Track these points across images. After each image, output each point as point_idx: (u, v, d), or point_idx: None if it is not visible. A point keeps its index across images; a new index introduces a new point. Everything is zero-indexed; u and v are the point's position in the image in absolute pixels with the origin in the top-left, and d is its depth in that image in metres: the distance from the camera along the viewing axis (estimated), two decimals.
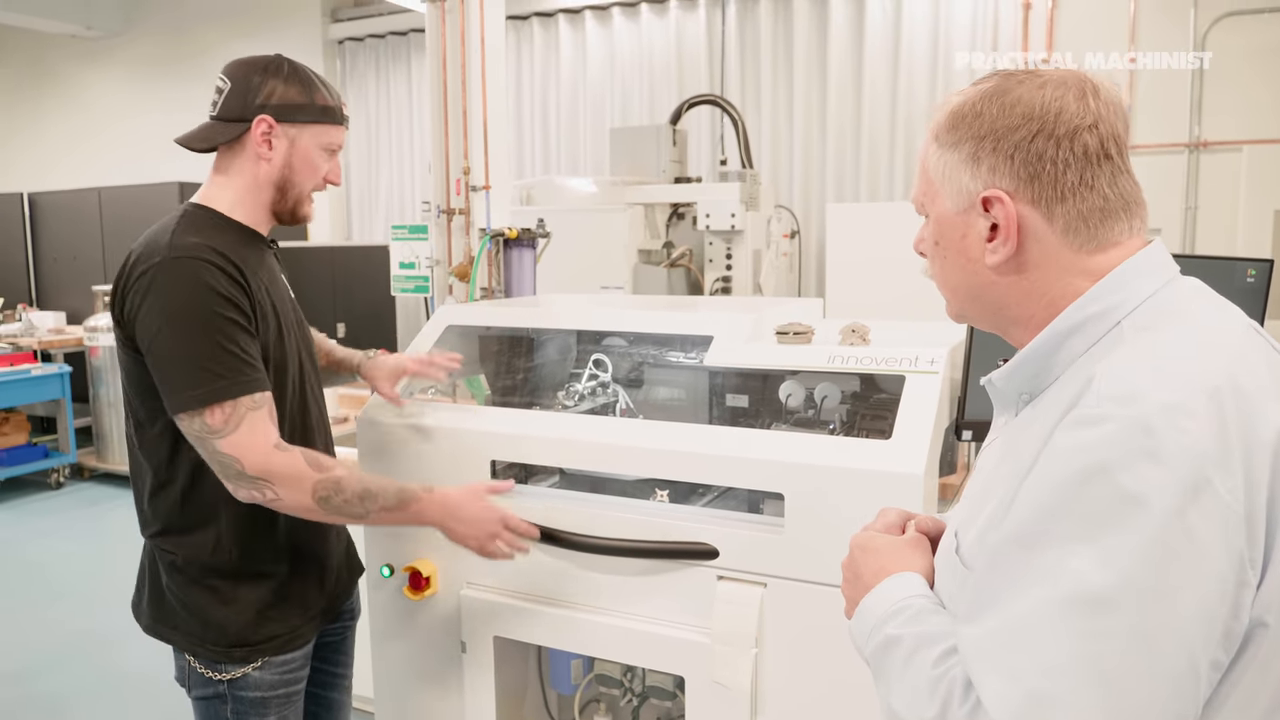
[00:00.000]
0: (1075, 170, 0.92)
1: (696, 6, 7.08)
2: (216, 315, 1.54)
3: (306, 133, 1.69)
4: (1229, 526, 0.78)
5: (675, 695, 2.10)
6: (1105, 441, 0.80)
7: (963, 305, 1.06)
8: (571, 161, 7.65)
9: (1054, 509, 0.81)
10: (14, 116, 10.35)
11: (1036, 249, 0.95)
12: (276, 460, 1.55)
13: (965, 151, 0.97)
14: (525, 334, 2.60)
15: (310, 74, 1.72)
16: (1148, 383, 0.82)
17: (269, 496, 1.57)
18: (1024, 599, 0.81)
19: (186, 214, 1.67)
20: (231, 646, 1.69)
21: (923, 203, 1.05)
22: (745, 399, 2.31)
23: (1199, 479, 0.78)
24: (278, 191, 1.71)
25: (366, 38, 8.55)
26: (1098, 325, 0.93)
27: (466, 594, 2.06)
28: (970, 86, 1.00)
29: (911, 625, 0.98)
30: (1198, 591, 0.78)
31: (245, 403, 1.54)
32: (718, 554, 1.80)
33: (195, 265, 1.55)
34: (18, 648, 4.02)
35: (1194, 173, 5.87)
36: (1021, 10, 6.13)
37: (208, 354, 1.53)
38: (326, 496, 1.58)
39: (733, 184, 5.03)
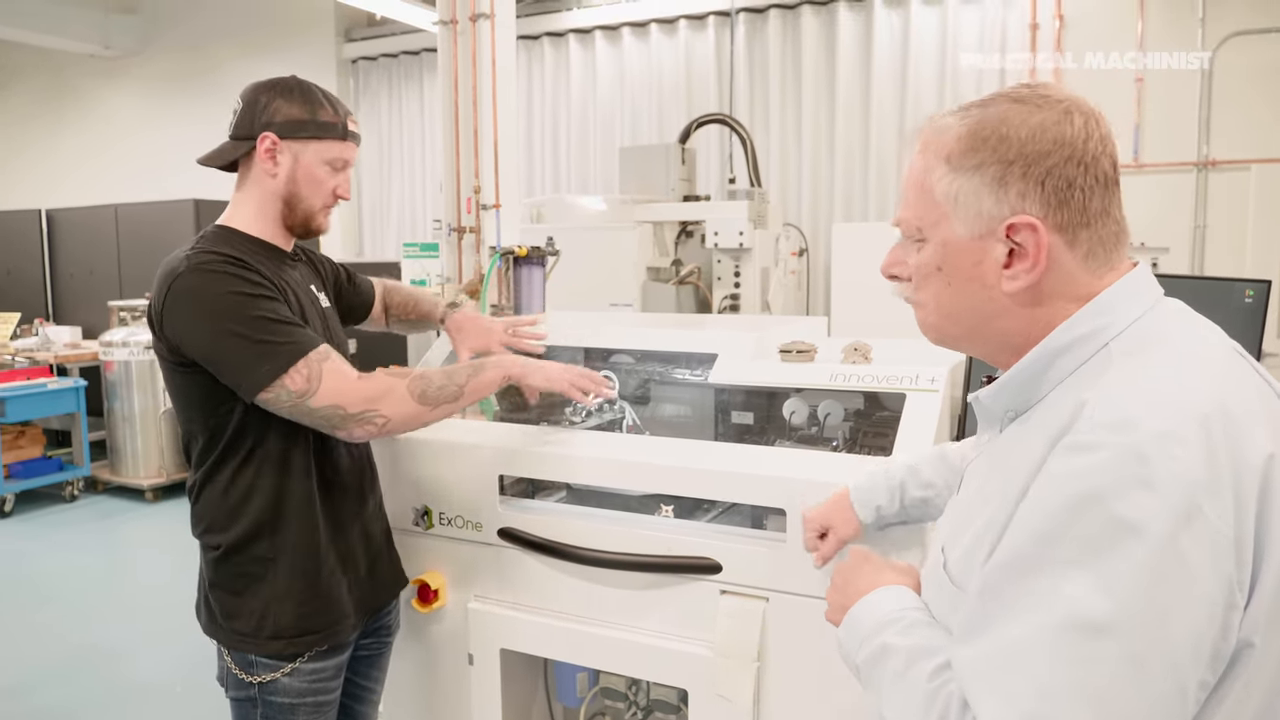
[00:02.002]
0: (1099, 197, 0.93)
1: (705, 26, 7.15)
2: (248, 297, 1.60)
3: (309, 148, 1.73)
4: (1219, 551, 0.80)
5: (679, 709, 2.12)
6: (1099, 469, 0.81)
7: (957, 331, 1.03)
8: (581, 180, 7.71)
9: (1049, 535, 0.83)
10: (33, 134, 10.49)
11: (1056, 275, 0.94)
12: (370, 388, 1.64)
13: (989, 175, 0.94)
14: (534, 350, 2.63)
15: (318, 92, 1.77)
16: (1140, 411, 0.83)
17: (380, 423, 1.65)
18: (1020, 623, 0.83)
19: (205, 234, 1.75)
20: (263, 647, 1.72)
21: (919, 226, 1.01)
22: (750, 416, 2.34)
23: (1191, 506, 0.79)
24: (285, 206, 1.76)
25: (379, 57, 8.65)
26: (1085, 346, 0.93)
27: (474, 607, 2.09)
28: (973, 106, 0.98)
29: (906, 637, 0.99)
30: (1188, 615, 0.79)
31: (314, 357, 1.61)
32: (721, 568, 1.82)
33: (213, 266, 1.62)
34: (30, 659, 4.05)
35: (1202, 192, 5.88)
36: (1029, 31, 6.17)
37: (258, 330, 1.59)
38: (423, 391, 1.68)
39: (741, 202, 5.08)
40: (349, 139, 1.79)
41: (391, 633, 2.07)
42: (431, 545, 2.13)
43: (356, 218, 8.85)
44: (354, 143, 1.81)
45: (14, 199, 9.80)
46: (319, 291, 1.92)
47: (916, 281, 1.03)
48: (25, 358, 6.80)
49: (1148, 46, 5.95)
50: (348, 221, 8.74)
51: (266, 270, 1.70)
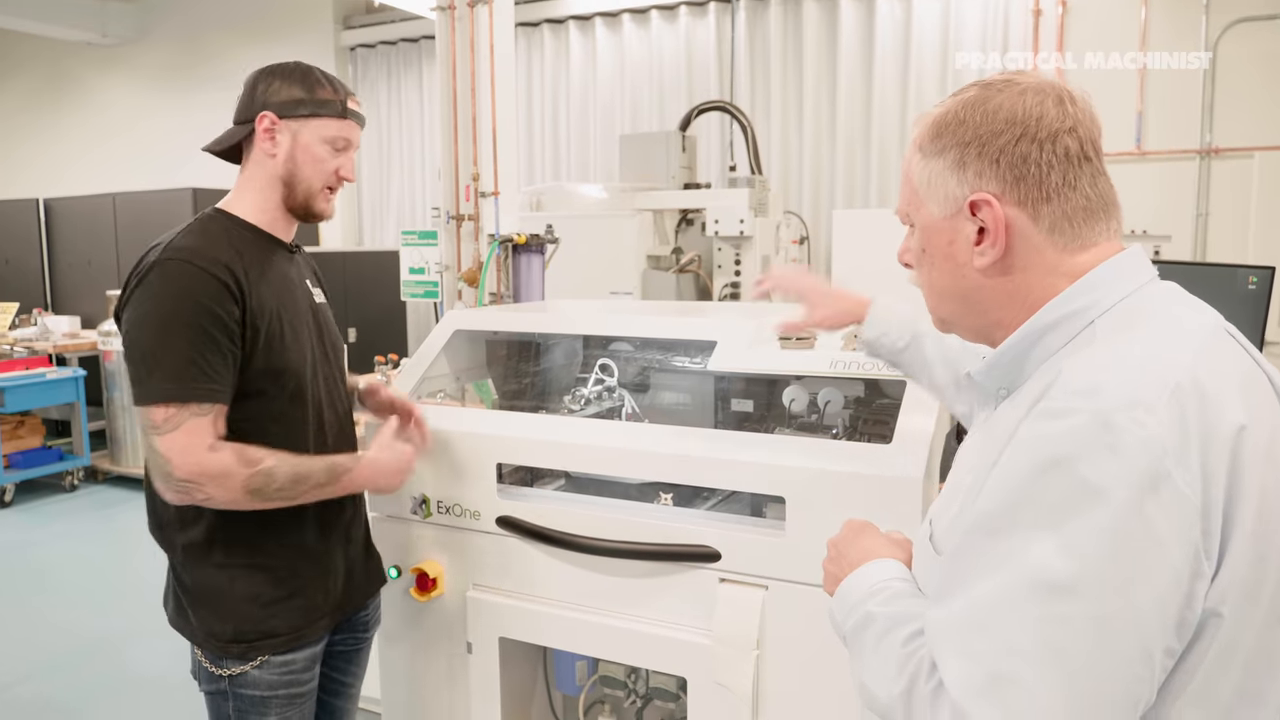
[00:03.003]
0: (1059, 171, 0.95)
1: (706, 13, 7.11)
2: (188, 324, 1.58)
3: (308, 127, 1.72)
4: (1185, 518, 0.81)
5: (678, 697, 2.11)
6: (1067, 433, 0.83)
7: (949, 311, 1.08)
8: (582, 167, 7.69)
9: (1017, 498, 0.85)
10: (31, 123, 10.46)
11: (1023, 249, 0.97)
12: (207, 461, 1.58)
13: (951, 158, 0.99)
14: (532, 339, 2.63)
15: (317, 73, 1.76)
16: (1110, 378, 0.85)
17: (199, 497, 1.61)
18: (987, 584, 0.85)
19: (200, 218, 1.72)
20: (230, 642, 1.71)
21: (908, 213, 1.08)
22: (750, 403, 2.33)
23: (1157, 471, 0.80)
24: (286, 187, 1.75)
25: (378, 44, 8.61)
26: (1073, 323, 0.95)
27: (473, 595, 2.08)
28: (950, 97, 1.03)
29: (887, 605, 1.02)
30: (1153, 580, 0.81)
31: (190, 409, 1.58)
32: (720, 557, 1.81)
33: (183, 269, 1.60)
34: (31, 649, 4.06)
35: (1205, 179, 5.85)
36: (1031, 16, 6.13)
37: (171, 357, 1.58)
38: (259, 488, 1.62)
39: (742, 190, 5.05)
40: (349, 117, 1.77)
41: (370, 628, 2.05)
42: (430, 534, 2.13)
43: (356, 206, 8.82)
44: (355, 122, 1.80)
45: (12, 188, 9.79)
46: (314, 286, 1.90)
47: (915, 266, 1.09)
48: (24, 348, 6.79)
49: (1151, 36, 5.91)
50: (347, 210, 8.71)
51: (247, 268, 1.66)
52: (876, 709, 0.95)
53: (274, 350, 1.69)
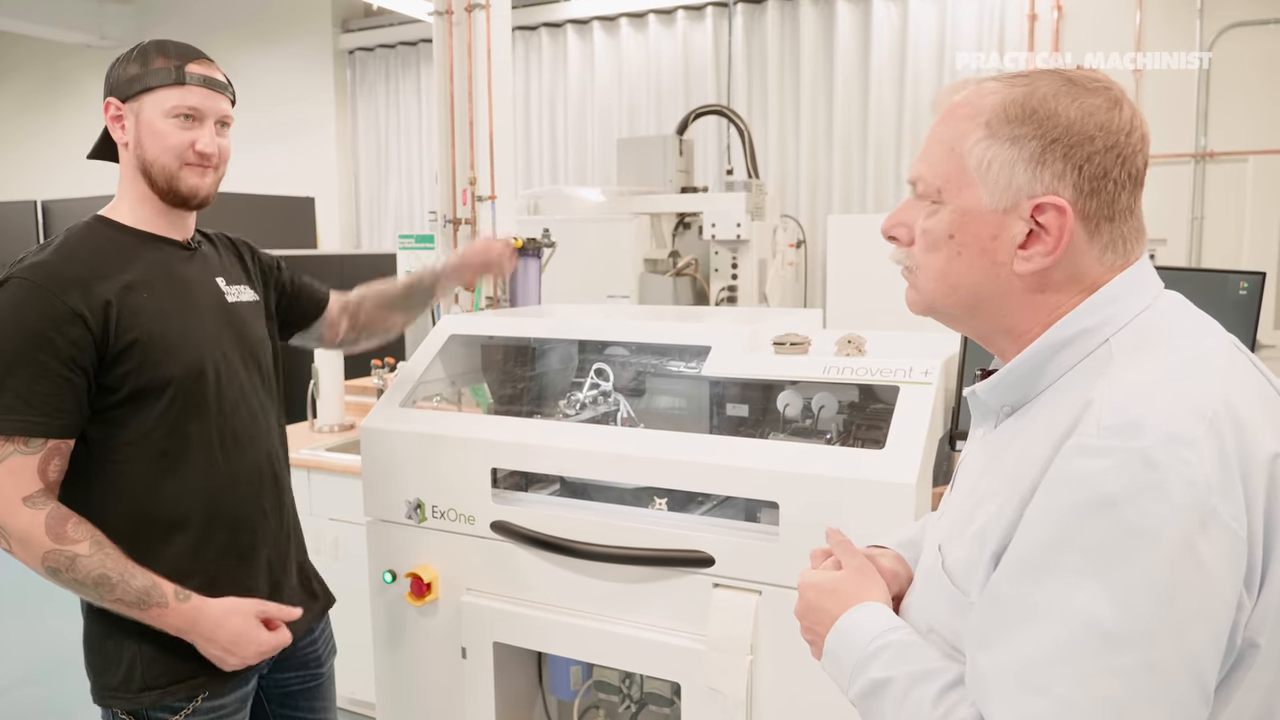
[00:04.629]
0: (1128, 192, 0.91)
1: (703, 17, 7.12)
2: (23, 352, 1.44)
3: (146, 102, 1.57)
4: (1234, 552, 0.79)
5: (673, 702, 2.12)
6: (1107, 474, 0.79)
7: (954, 305, 0.99)
8: (579, 171, 7.69)
9: (1057, 541, 0.81)
10: (28, 125, 10.46)
11: (1071, 264, 0.92)
12: (16, 514, 1.43)
13: (1030, 150, 0.90)
14: (528, 343, 2.63)
15: (161, 44, 1.59)
16: (1147, 413, 0.81)
17: (3, 547, 1.47)
18: (1033, 634, 0.80)
19: (72, 228, 1.59)
20: (134, 700, 1.56)
21: (940, 188, 0.96)
22: (745, 408, 2.33)
23: (1205, 510, 0.77)
24: (144, 175, 1.60)
25: (376, 48, 8.61)
26: (1087, 341, 0.91)
27: (467, 600, 2.08)
28: (1020, 78, 0.94)
29: (898, 665, 0.95)
30: (1208, 619, 0.78)
31: (15, 445, 1.44)
32: (714, 562, 1.82)
33: (23, 289, 1.46)
34: (32, 652, 4.05)
35: (1200, 183, 5.87)
36: (1027, 22, 6.15)
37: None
38: (55, 569, 1.46)
39: (739, 194, 5.06)
40: (188, 83, 1.57)
41: (325, 662, 1.88)
42: (424, 538, 2.13)
43: (354, 210, 8.82)
44: (202, 87, 1.59)
45: (9, 190, 9.78)
46: (230, 285, 1.73)
47: (923, 245, 0.98)
48: None
49: (1146, 39, 5.93)
50: (345, 213, 8.71)
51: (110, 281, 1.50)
52: None
53: (150, 363, 1.52)
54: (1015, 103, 0.91)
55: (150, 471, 1.55)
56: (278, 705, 1.83)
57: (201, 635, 1.55)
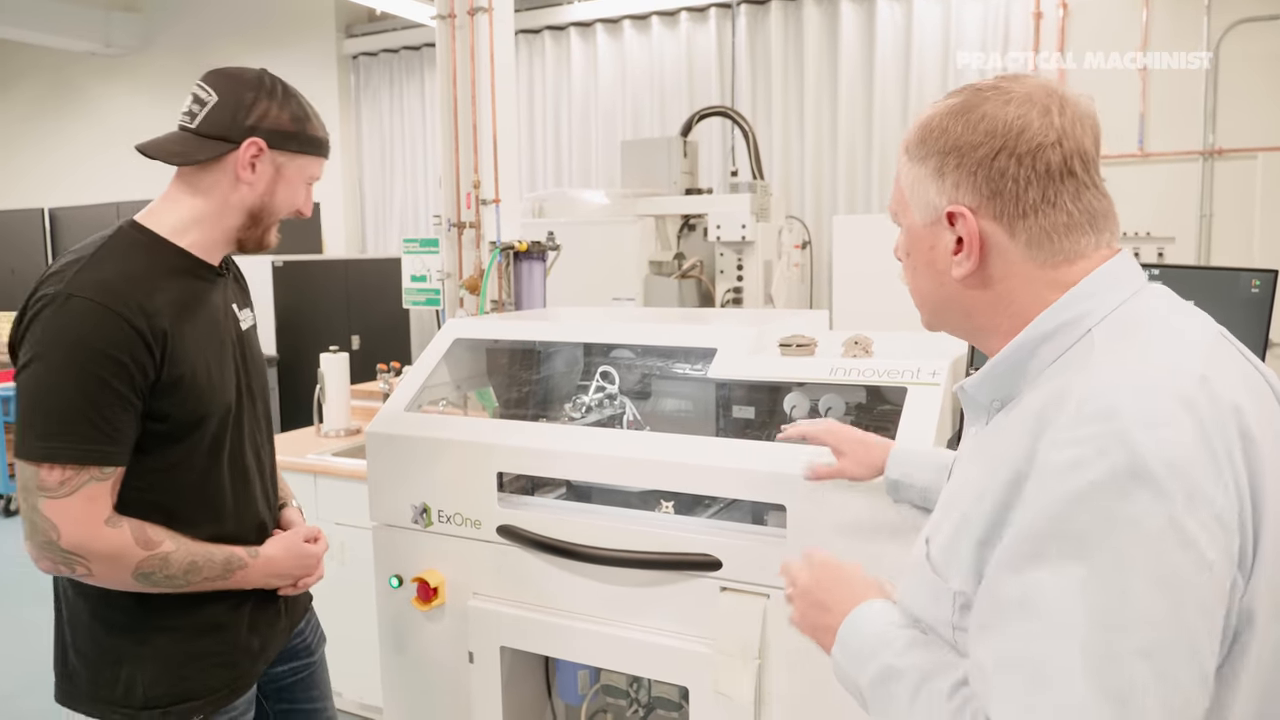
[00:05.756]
0: (1037, 188, 0.93)
1: (707, 19, 7.12)
2: (92, 377, 1.40)
3: (294, 162, 1.59)
4: (1225, 531, 0.79)
5: (681, 706, 2.11)
6: (1087, 461, 0.80)
7: (933, 313, 1.07)
8: (583, 174, 7.69)
9: (1047, 532, 0.81)
10: (35, 133, 10.50)
11: (1000, 263, 0.96)
12: (102, 536, 1.43)
13: (931, 166, 0.98)
14: (533, 346, 2.63)
15: (302, 99, 1.62)
16: (1124, 398, 0.82)
17: (79, 572, 1.45)
18: (1027, 626, 0.81)
19: (116, 236, 1.52)
20: (140, 709, 1.53)
21: (895, 212, 1.07)
22: (751, 410, 2.32)
23: (1190, 488, 0.78)
24: (250, 218, 1.58)
25: (380, 52, 8.63)
26: (1068, 333, 0.93)
27: (474, 604, 2.08)
28: (942, 100, 1.01)
29: (906, 655, 0.97)
30: (1203, 600, 0.78)
31: (91, 472, 1.42)
32: (721, 565, 1.81)
33: (90, 310, 1.41)
34: (35, 659, 4.05)
35: (1208, 181, 5.84)
36: (1032, 20, 6.13)
37: (70, 411, 1.41)
38: (149, 573, 1.47)
39: (743, 195, 5.05)
40: (327, 157, 1.66)
41: (315, 650, 1.88)
42: (430, 543, 2.12)
43: (359, 214, 8.83)
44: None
45: (16, 198, 9.82)
46: (240, 309, 1.71)
47: (902, 265, 1.08)
48: None
49: (1152, 36, 5.90)
50: (350, 217, 8.73)
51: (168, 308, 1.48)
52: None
53: (194, 399, 1.52)
54: (922, 125, 1.00)
55: (169, 499, 1.54)
56: (275, 701, 1.82)
57: (276, 576, 1.66)
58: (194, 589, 1.54)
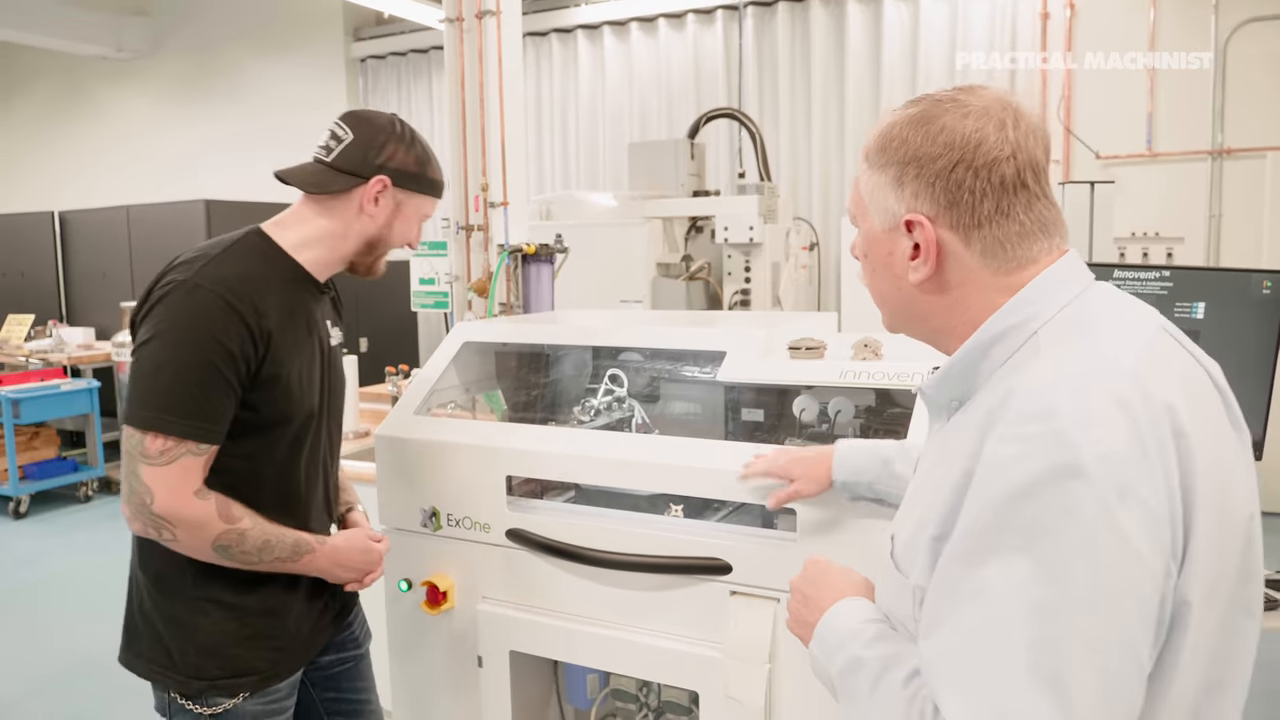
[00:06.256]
0: (992, 200, 0.97)
1: (714, 21, 7.12)
2: (205, 361, 1.53)
3: (413, 200, 1.76)
4: (1155, 523, 0.83)
5: (691, 710, 2.10)
6: (1027, 458, 0.85)
7: (892, 315, 1.11)
8: (591, 176, 7.70)
9: (989, 527, 0.86)
10: (45, 136, 10.55)
11: (956, 269, 1.00)
12: (190, 506, 1.55)
13: (891, 174, 1.01)
14: (542, 349, 2.63)
15: (426, 145, 1.80)
16: (1061, 398, 0.86)
17: (165, 537, 1.56)
18: (972, 614, 0.85)
19: (242, 240, 1.68)
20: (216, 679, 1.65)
21: (855, 215, 1.10)
22: (760, 413, 2.32)
23: (1121, 484, 0.82)
24: (367, 246, 1.76)
25: (388, 55, 8.65)
26: (1016, 336, 0.97)
27: (483, 608, 2.08)
28: (900, 108, 1.04)
29: (872, 648, 1.02)
30: (1136, 590, 0.82)
31: (189, 446, 1.54)
32: (731, 569, 1.81)
33: (213, 301, 1.55)
34: (46, 661, 4.08)
35: (1217, 180, 5.82)
36: (1039, 21, 6.12)
37: (179, 387, 1.53)
38: (226, 546, 1.59)
39: (751, 197, 5.04)
40: (440, 199, 1.84)
41: (361, 643, 1.99)
42: (439, 547, 2.12)
43: None
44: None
45: (27, 201, 9.86)
46: (334, 326, 1.88)
47: (861, 266, 1.12)
48: (39, 359, 6.84)
49: (1160, 36, 5.89)
50: None
51: (274, 306, 1.61)
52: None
53: (283, 399, 1.65)
54: (882, 134, 1.03)
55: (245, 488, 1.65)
56: (321, 689, 1.91)
57: (341, 565, 1.76)
58: (264, 567, 1.65)
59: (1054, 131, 6.18)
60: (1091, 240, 4.97)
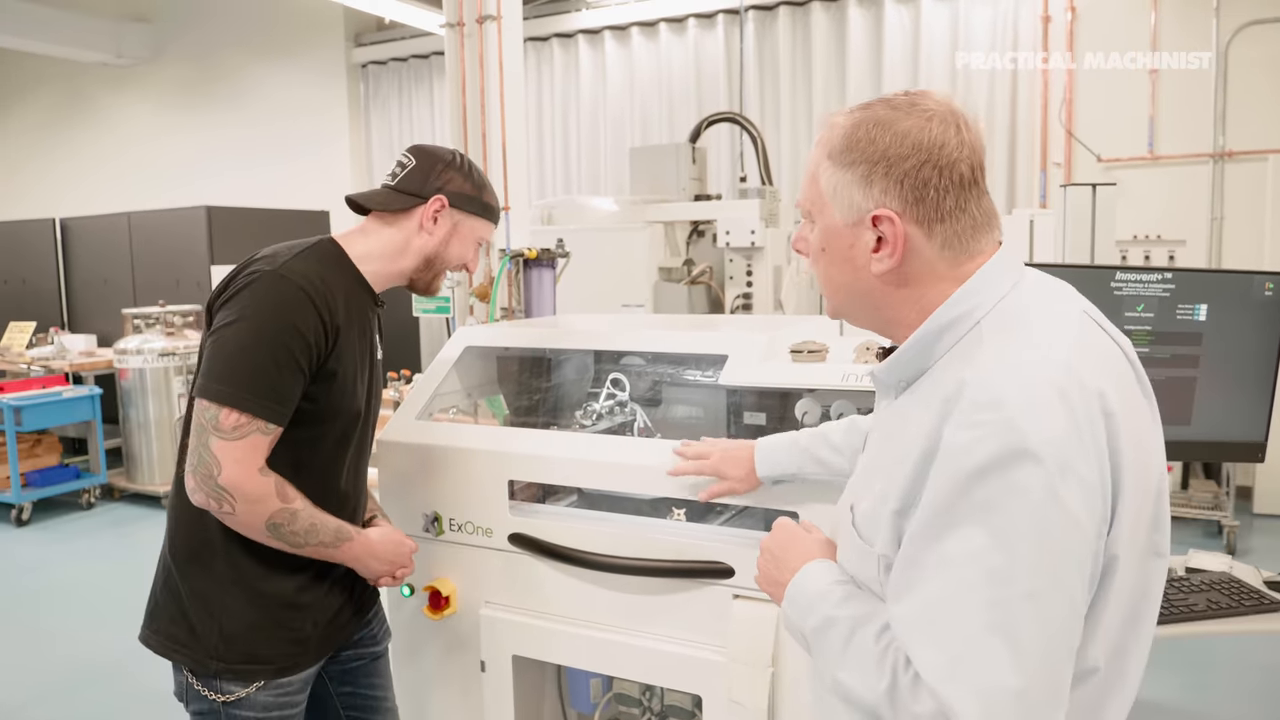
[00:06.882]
0: (953, 196, 1.07)
1: (715, 25, 7.13)
2: (284, 346, 1.63)
3: (469, 222, 1.88)
4: (1090, 495, 0.95)
5: (694, 714, 2.10)
6: (981, 443, 0.95)
7: (843, 304, 1.19)
8: (592, 181, 7.71)
9: (950, 504, 0.97)
10: (46, 143, 10.58)
11: (916, 261, 1.09)
12: (254, 480, 1.62)
13: (859, 173, 1.09)
14: (544, 354, 2.63)
15: (484, 176, 1.94)
16: (1009, 389, 0.97)
17: (224, 509, 1.62)
18: (937, 581, 0.97)
19: (319, 244, 1.79)
20: (231, 664, 1.70)
21: (809, 210, 1.17)
22: (762, 416, 2.32)
23: (1063, 463, 0.94)
24: (425, 262, 1.86)
25: (389, 61, 8.67)
26: (961, 325, 1.07)
27: (485, 613, 2.07)
28: (858, 109, 1.12)
29: (842, 607, 1.11)
30: (1074, 553, 0.95)
31: (260, 424, 1.62)
32: (734, 573, 1.80)
33: (295, 291, 1.65)
34: (48, 668, 4.07)
35: (1219, 183, 5.82)
36: (1040, 23, 6.12)
37: (258, 368, 1.62)
38: (279, 524, 1.66)
39: (752, 201, 5.05)
40: (496, 223, 1.96)
41: (380, 641, 2.03)
42: (442, 551, 2.12)
43: None
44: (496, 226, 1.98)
45: (28, 208, 9.88)
46: (379, 341, 1.95)
47: (811, 258, 1.19)
48: (41, 366, 6.84)
49: (1161, 38, 5.89)
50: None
51: (342, 306, 1.72)
52: (856, 701, 1.04)
53: (337, 394, 1.74)
54: (846, 134, 1.10)
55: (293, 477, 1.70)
56: (338, 684, 1.95)
57: (375, 557, 1.82)
58: (307, 551, 1.71)
59: (1055, 134, 6.18)
60: (1093, 243, 4.96)
